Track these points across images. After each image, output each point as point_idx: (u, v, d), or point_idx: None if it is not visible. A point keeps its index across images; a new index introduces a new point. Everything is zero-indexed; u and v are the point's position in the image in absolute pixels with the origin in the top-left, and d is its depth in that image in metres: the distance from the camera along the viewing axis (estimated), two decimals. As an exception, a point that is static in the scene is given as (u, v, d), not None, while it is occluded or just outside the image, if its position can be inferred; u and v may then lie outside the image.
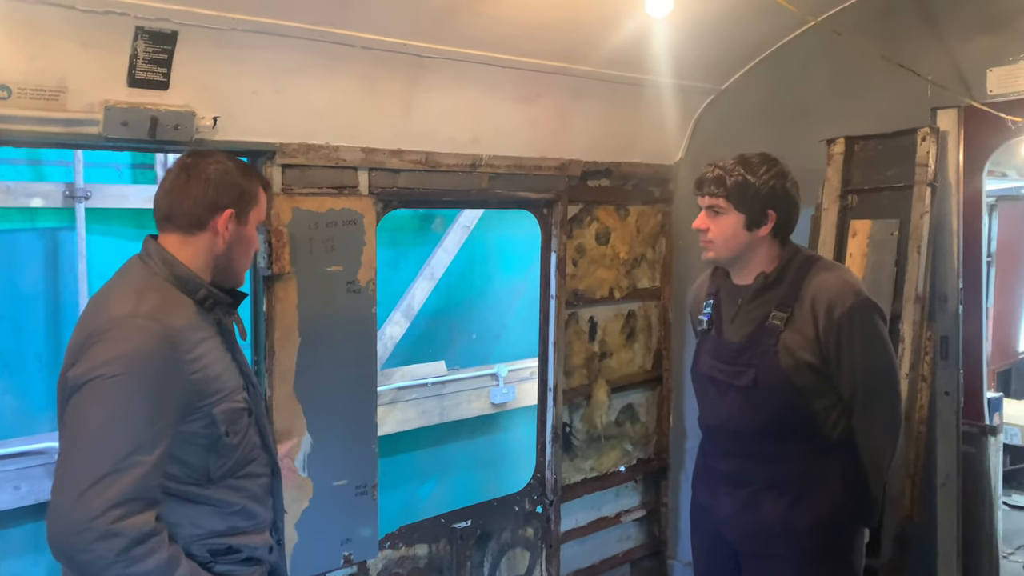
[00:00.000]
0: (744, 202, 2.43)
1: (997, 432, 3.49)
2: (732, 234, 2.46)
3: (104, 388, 1.73)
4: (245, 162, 2.14)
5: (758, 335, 2.46)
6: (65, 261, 5.27)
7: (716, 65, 3.77)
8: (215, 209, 1.97)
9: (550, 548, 3.77)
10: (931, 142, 3.12)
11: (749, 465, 2.52)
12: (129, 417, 1.73)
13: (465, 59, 2.99)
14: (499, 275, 7.40)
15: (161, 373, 1.77)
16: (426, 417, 6.75)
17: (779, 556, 2.48)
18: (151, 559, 1.71)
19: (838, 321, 2.37)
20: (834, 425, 2.46)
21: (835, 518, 2.46)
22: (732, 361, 2.52)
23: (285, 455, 2.78)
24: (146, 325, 1.79)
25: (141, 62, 2.34)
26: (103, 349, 1.77)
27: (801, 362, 2.39)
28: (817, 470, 2.46)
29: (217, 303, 2.00)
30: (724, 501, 2.57)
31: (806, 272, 2.46)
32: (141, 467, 1.71)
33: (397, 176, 3.09)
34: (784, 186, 2.46)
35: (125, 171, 5.61)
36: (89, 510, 1.65)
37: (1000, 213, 7.84)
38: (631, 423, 4.15)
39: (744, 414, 2.49)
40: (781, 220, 2.46)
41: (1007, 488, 6.07)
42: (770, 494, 2.48)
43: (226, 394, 1.91)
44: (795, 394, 2.41)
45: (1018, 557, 5.16)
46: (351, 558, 3.05)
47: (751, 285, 2.50)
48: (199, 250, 1.98)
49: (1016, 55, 3.06)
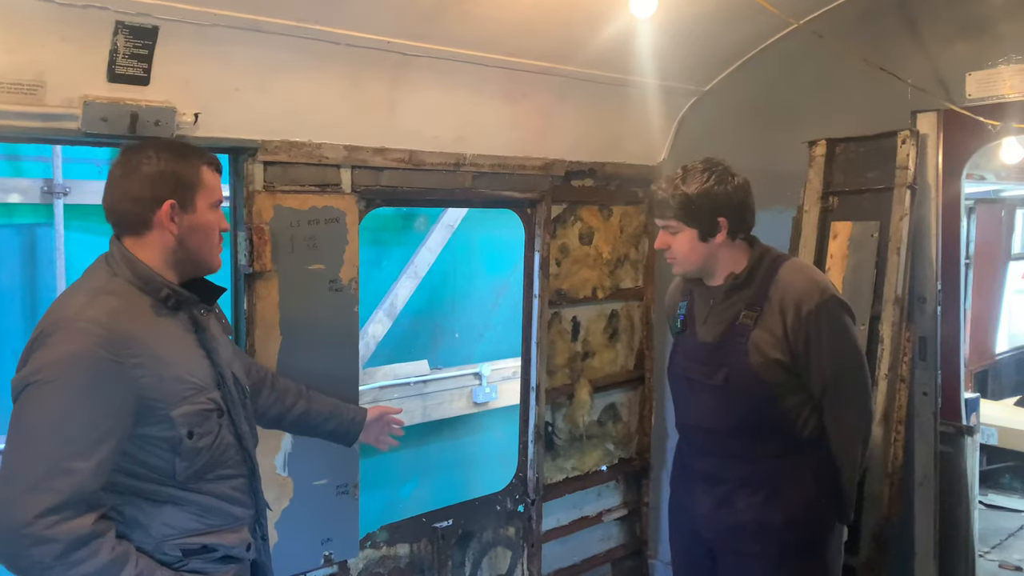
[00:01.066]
0: (692, 216, 2.48)
1: (974, 432, 3.53)
2: (690, 249, 2.53)
3: (40, 393, 1.72)
4: (182, 145, 2.06)
5: (729, 335, 2.51)
6: (43, 257, 5.21)
7: (699, 66, 3.78)
8: (154, 204, 1.91)
9: (532, 547, 3.78)
10: (911, 145, 3.15)
11: (723, 463, 2.56)
12: (64, 422, 1.71)
13: (450, 58, 2.98)
14: (482, 275, 7.40)
15: (100, 377, 1.74)
16: (408, 416, 6.71)
17: (754, 553, 2.52)
18: (92, 561, 1.69)
19: (805, 319, 2.41)
20: (805, 423, 2.49)
21: (808, 515, 2.49)
22: (705, 361, 2.56)
23: (379, 416, 2.71)
24: (86, 328, 1.75)
25: (121, 57, 2.31)
26: (43, 354, 1.75)
27: (771, 360, 2.43)
28: (789, 468, 2.50)
29: (182, 301, 1.95)
30: (701, 499, 2.61)
31: (774, 272, 2.50)
32: (77, 473, 1.69)
33: (380, 174, 3.07)
34: (727, 190, 2.47)
35: (105, 167, 5.54)
36: (22, 517, 1.64)
37: (978, 216, 7.94)
38: (613, 423, 4.16)
39: (717, 413, 2.54)
40: (734, 223, 2.49)
41: (983, 488, 6.16)
42: (744, 492, 2.52)
43: (188, 396, 1.87)
44: (766, 392, 2.45)
45: (994, 556, 5.23)
46: (332, 558, 3.03)
47: (721, 286, 2.55)
48: (155, 249, 1.93)
49: (994, 59, 3.10)
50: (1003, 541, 5.49)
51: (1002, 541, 5.48)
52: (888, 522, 3.06)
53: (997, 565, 5.08)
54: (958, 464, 3.39)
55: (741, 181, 2.52)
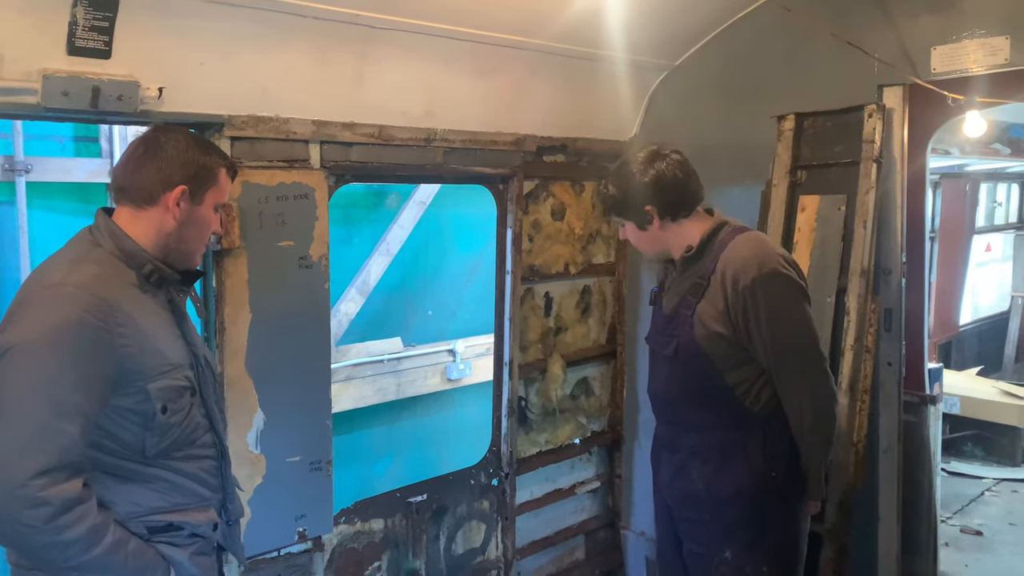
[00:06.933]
0: (624, 212, 2.62)
1: (937, 402, 3.61)
2: (636, 238, 2.66)
3: (26, 356, 1.71)
4: (208, 142, 2.09)
5: (680, 306, 2.57)
6: (6, 236, 5.10)
7: (669, 41, 3.78)
8: (167, 184, 1.93)
9: (506, 520, 3.81)
10: (877, 119, 3.18)
11: (678, 432, 2.65)
12: (51, 385, 1.70)
13: (418, 31, 2.95)
14: (455, 251, 7.38)
15: (86, 342, 1.74)
16: (382, 394, 6.74)
17: (704, 520, 2.59)
18: (78, 527, 1.70)
19: (743, 293, 2.43)
20: (757, 397, 2.51)
21: (757, 488, 2.52)
22: (662, 331, 2.65)
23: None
24: (73, 293, 1.76)
25: (81, 29, 2.26)
26: (28, 317, 1.75)
27: (712, 333, 2.47)
28: (739, 440, 2.53)
29: (164, 279, 1.96)
30: (664, 467, 2.71)
31: (725, 244, 2.53)
32: (66, 435, 1.70)
33: (350, 150, 3.05)
34: (644, 182, 2.53)
35: (68, 144, 5.44)
36: (14, 479, 1.64)
37: (943, 190, 8.07)
38: (586, 397, 4.20)
39: (670, 383, 2.62)
40: (661, 208, 2.55)
41: (947, 455, 6.33)
42: (695, 461, 2.58)
43: (165, 371, 1.88)
44: (709, 364, 2.49)
45: (956, 521, 5.38)
46: (306, 534, 3.04)
47: (679, 260, 2.61)
48: (149, 226, 1.94)
49: (958, 33, 3.13)
50: (965, 507, 5.65)
51: (964, 507, 5.64)
52: (853, 489, 3.13)
53: (959, 530, 5.23)
54: (921, 432, 3.46)
55: (663, 167, 2.53)
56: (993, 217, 9.50)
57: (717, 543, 2.57)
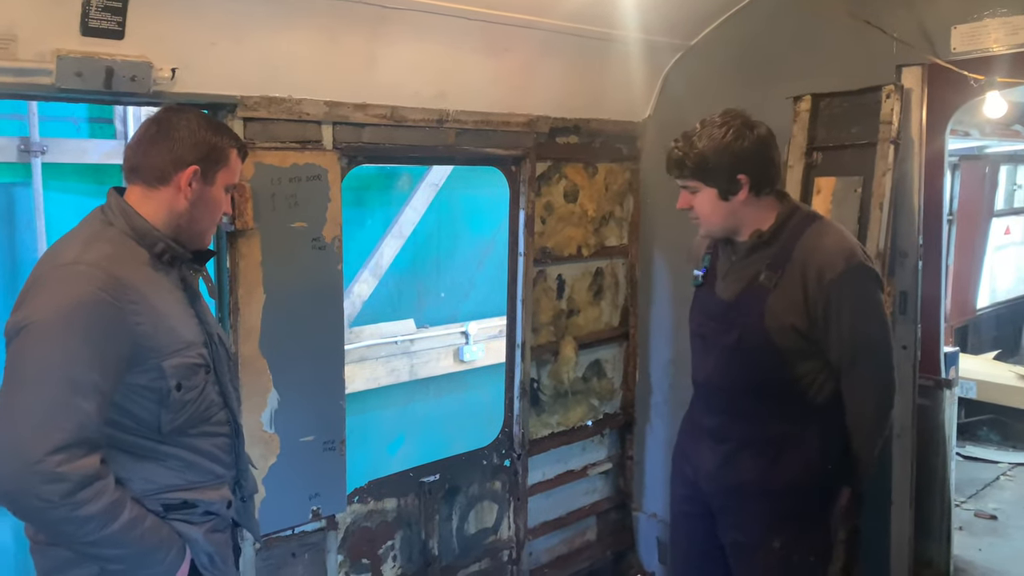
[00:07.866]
0: (710, 176, 2.38)
1: (952, 386, 3.59)
2: (712, 209, 2.42)
3: (42, 333, 1.72)
4: (220, 123, 2.09)
5: (746, 294, 2.43)
6: (22, 218, 5.15)
7: (684, 21, 3.74)
8: (180, 164, 1.94)
9: (518, 501, 3.83)
10: (895, 99, 3.14)
11: (731, 423, 2.52)
12: (67, 362, 1.72)
13: (429, 10, 2.93)
14: (467, 234, 7.39)
15: (101, 319, 1.75)
16: (395, 375, 6.78)
17: (751, 512, 2.50)
18: (95, 503, 1.71)
19: (828, 286, 2.32)
20: (819, 390, 2.42)
21: (811, 481, 2.45)
22: (720, 318, 2.49)
23: None
24: (87, 272, 1.77)
25: (94, 10, 2.26)
26: (43, 295, 1.76)
27: (785, 324, 2.35)
28: (796, 433, 2.44)
29: (176, 257, 1.97)
30: (706, 456, 2.57)
31: (801, 232, 2.40)
32: (82, 412, 1.71)
33: (362, 131, 3.04)
34: (744, 145, 2.35)
35: (83, 125, 5.47)
36: (31, 455, 1.65)
37: (962, 172, 7.97)
38: (598, 379, 4.20)
39: (727, 372, 2.48)
40: (755, 180, 2.38)
41: (962, 440, 6.29)
42: (748, 452, 2.47)
43: (179, 348, 1.89)
44: (777, 356, 2.38)
45: (970, 505, 5.36)
46: (319, 512, 3.07)
47: (746, 242, 2.46)
48: (160, 205, 1.95)
49: (980, 12, 3.07)
50: (979, 491, 5.62)
51: (978, 491, 5.62)
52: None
53: (972, 514, 5.21)
54: (936, 416, 3.45)
55: (763, 133, 2.38)
56: (1013, 200, 9.37)
57: (766, 534, 2.48)
